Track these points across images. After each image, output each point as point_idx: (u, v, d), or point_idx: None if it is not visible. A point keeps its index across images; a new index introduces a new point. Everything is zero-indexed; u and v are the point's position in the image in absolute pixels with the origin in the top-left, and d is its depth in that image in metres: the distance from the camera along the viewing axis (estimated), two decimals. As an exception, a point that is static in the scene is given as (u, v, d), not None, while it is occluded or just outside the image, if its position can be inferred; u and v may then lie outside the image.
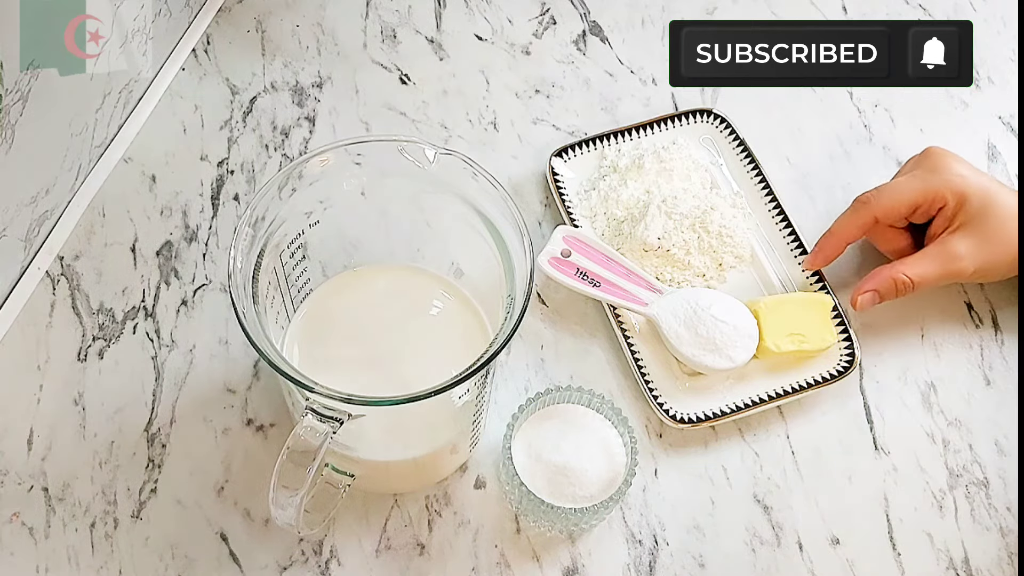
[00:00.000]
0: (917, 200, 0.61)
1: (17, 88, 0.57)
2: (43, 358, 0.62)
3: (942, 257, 0.61)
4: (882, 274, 0.61)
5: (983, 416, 0.63)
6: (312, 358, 0.52)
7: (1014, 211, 0.60)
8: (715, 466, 0.61)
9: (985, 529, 0.60)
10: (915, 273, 0.60)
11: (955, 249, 0.60)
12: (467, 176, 0.49)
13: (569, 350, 0.64)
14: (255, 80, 0.74)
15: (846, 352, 0.63)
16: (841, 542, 0.59)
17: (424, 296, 0.55)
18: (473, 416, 0.53)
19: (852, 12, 0.81)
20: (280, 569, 0.56)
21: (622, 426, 0.57)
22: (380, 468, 0.55)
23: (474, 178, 0.49)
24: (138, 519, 0.57)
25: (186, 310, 0.64)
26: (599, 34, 0.79)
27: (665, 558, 0.58)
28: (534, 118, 0.74)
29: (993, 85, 0.78)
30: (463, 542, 0.57)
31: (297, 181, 0.48)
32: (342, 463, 0.53)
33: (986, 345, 0.66)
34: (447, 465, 0.58)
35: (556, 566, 0.57)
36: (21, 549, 0.56)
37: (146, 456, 0.59)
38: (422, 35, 0.77)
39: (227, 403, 0.61)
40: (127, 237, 0.67)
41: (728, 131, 0.71)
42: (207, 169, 0.70)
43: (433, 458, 0.55)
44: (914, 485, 0.61)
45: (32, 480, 0.58)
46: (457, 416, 0.53)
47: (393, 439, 0.53)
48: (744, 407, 0.61)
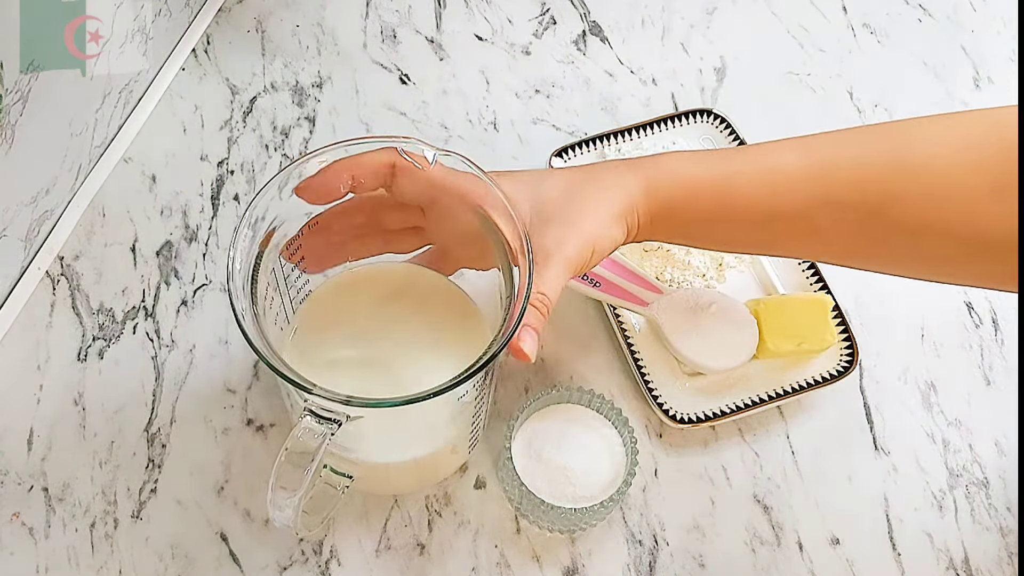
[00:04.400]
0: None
1: (17, 88, 0.57)
2: (43, 358, 0.62)
3: (540, 258, 0.48)
4: (527, 310, 0.47)
5: (983, 416, 0.63)
6: (311, 359, 0.52)
7: (562, 187, 0.51)
8: (715, 466, 0.61)
9: (985, 529, 0.60)
10: (543, 287, 0.48)
11: (541, 243, 0.49)
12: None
13: (569, 350, 0.64)
14: (255, 80, 0.74)
15: (846, 352, 0.63)
16: (841, 542, 0.59)
17: (423, 296, 0.55)
18: (472, 417, 0.53)
19: (852, 12, 0.82)
20: (280, 569, 0.56)
21: (622, 426, 0.57)
22: (379, 470, 0.55)
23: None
24: (138, 519, 0.57)
25: (186, 310, 0.64)
26: (599, 34, 0.79)
27: (665, 558, 0.58)
28: (534, 118, 0.74)
29: (993, 85, 0.78)
30: (463, 542, 0.57)
31: (297, 181, 0.48)
32: (340, 464, 0.53)
33: (986, 345, 0.66)
34: (447, 466, 0.58)
35: (556, 566, 0.57)
36: (21, 549, 0.56)
37: (146, 456, 0.59)
38: (422, 35, 0.77)
39: (227, 403, 0.61)
40: (127, 237, 0.67)
41: (728, 131, 0.71)
42: (207, 169, 0.70)
43: (432, 459, 0.55)
44: (914, 485, 0.61)
45: (32, 480, 0.58)
46: (456, 417, 0.53)
47: (392, 441, 0.53)
48: (744, 407, 0.61)
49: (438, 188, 0.49)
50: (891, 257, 0.52)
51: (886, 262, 0.53)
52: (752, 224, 0.51)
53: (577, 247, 0.49)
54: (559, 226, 0.49)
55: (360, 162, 0.48)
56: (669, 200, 0.51)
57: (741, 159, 0.52)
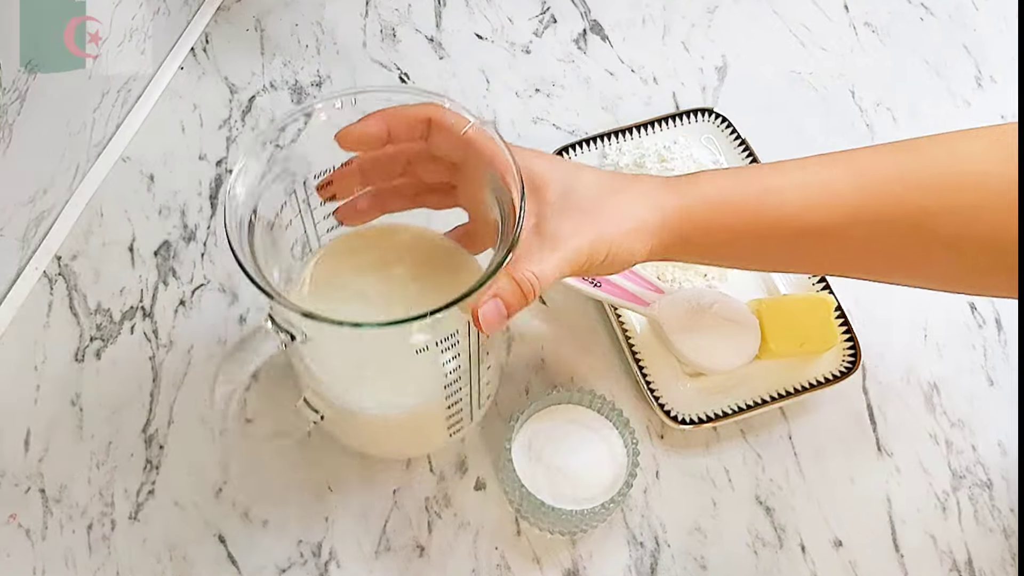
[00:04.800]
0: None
1: (15, 87, 0.57)
2: (40, 358, 0.62)
3: (546, 239, 0.48)
4: (500, 280, 0.47)
5: (986, 417, 0.63)
6: (317, 292, 0.52)
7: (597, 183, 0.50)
8: (717, 467, 0.60)
9: (988, 530, 0.59)
10: (535, 268, 0.47)
11: (556, 228, 0.48)
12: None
13: (570, 351, 0.64)
14: (254, 79, 0.74)
15: (848, 353, 0.62)
16: (844, 544, 0.58)
17: (441, 262, 0.54)
18: (444, 386, 0.52)
19: (854, 11, 0.81)
20: (279, 571, 0.56)
21: (623, 427, 0.57)
22: (346, 416, 0.54)
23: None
24: (135, 520, 0.57)
25: (184, 310, 0.64)
26: (600, 33, 0.78)
27: (666, 560, 0.57)
28: (534, 117, 0.74)
29: (995, 84, 0.78)
30: (463, 544, 0.57)
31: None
32: (314, 399, 0.54)
33: (989, 346, 0.66)
34: (416, 439, 0.57)
35: (557, 568, 0.57)
36: (18, 551, 0.56)
37: (144, 457, 0.59)
38: (422, 34, 0.77)
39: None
40: (125, 237, 0.66)
41: (729, 130, 0.70)
42: (206, 168, 0.69)
43: (397, 422, 0.54)
44: (917, 486, 0.60)
45: (29, 481, 0.58)
46: (422, 378, 0.52)
47: (361, 387, 0.53)
48: (746, 408, 0.60)
49: (471, 148, 0.49)
50: (932, 270, 0.51)
51: (928, 276, 0.52)
52: (790, 239, 0.50)
53: (590, 243, 0.48)
54: (581, 218, 0.48)
55: (398, 113, 0.49)
56: (705, 222, 0.50)
57: (778, 174, 0.51)
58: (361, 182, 0.52)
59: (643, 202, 0.49)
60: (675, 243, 0.50)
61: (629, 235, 0.49)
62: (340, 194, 0.52)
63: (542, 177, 0.49)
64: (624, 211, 0.49)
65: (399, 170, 0.52)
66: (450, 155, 0.50)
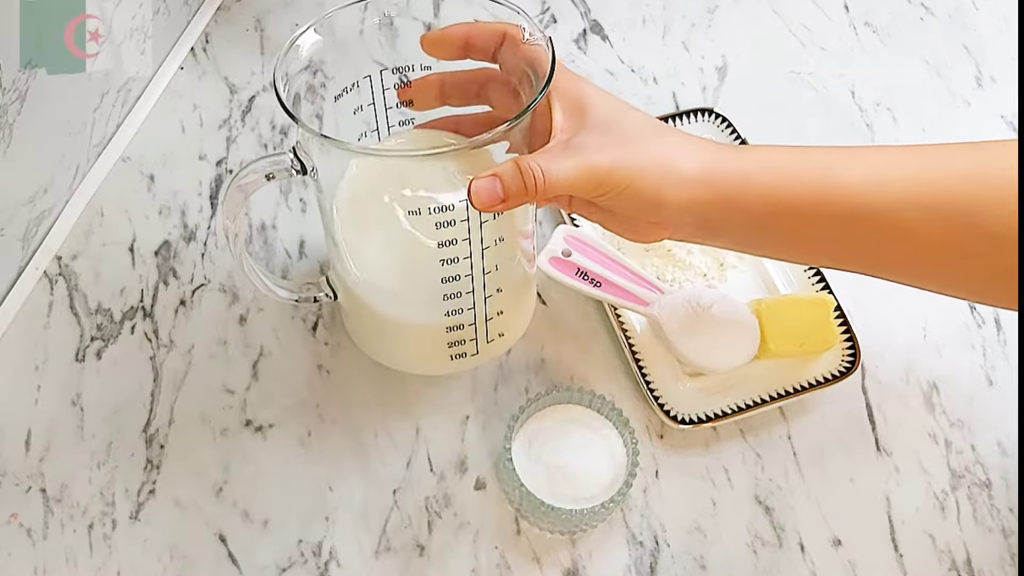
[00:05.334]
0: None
1: (15, 87, 0.57)
2: (41, 358, 0.62)
3: (571, 147, 0.48)
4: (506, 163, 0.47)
5: (986, 417, 0.63)
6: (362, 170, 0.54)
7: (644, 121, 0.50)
8: (716, 467, 0.60)
9: (988, 530, 0.59)
10: (545, 163, 0.47)
11: (583, 141, 0.48)
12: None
13: (570, 351, 0.64)
14: (254, 79, 0.74)
15: (848, 352, 0.62)
16: (843, 543, 0.58)
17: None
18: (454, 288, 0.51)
19: (854, 11, 0.81)
20: (279, 571, 0.56)
21: (623, 427, 0.57)
22: (357, 300, 0.56)
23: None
24: (136, 520, 0.57)
25: (184, 310, 0.64)
26: (600, 33, 0.78)
27: (666, 559, 0.58)
28: (534, 117, 0.73)
29: (995, 84, 0.78)
30: (463, 543, 0.57)
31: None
32: (334, 278, 0.57)
33: (988, 346, 0.66)
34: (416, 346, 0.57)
35: (556, 567, 0.57)
36: (19, 550, 0.56)
37: (144, 457, 0.59)
38: (422, 34, 0.77)
39: (226, 404, 0.60)
40: (125, 237, 0.66)
41: (729, 130, 0.70)
42: (206, 168, 0.70)
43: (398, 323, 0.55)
44: (916, 486, 0.61)
45: (30, 481, 0.58)
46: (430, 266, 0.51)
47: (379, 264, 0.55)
48: (745, 408, 0.60)
49: (533, 64, 0.50)
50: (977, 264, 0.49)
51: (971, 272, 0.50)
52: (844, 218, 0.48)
53: (612, 162, 0.46)
54: (614, 141, 0.48)
55: (478, 24, 0.52)
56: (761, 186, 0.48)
57: (831, 154, 0.50)
58: (439, 97, 0.55)
59: (689, 150, 0.49)
60: (716, 203, 0.48)
61: (660, 172, 0.47)
62: (417, 103, 0.56)
63: (589, 99, 0.50)
64: (663, 151, 0.48)
65: (475, 91, 0.55)
66: (514, 70, 0.52)
